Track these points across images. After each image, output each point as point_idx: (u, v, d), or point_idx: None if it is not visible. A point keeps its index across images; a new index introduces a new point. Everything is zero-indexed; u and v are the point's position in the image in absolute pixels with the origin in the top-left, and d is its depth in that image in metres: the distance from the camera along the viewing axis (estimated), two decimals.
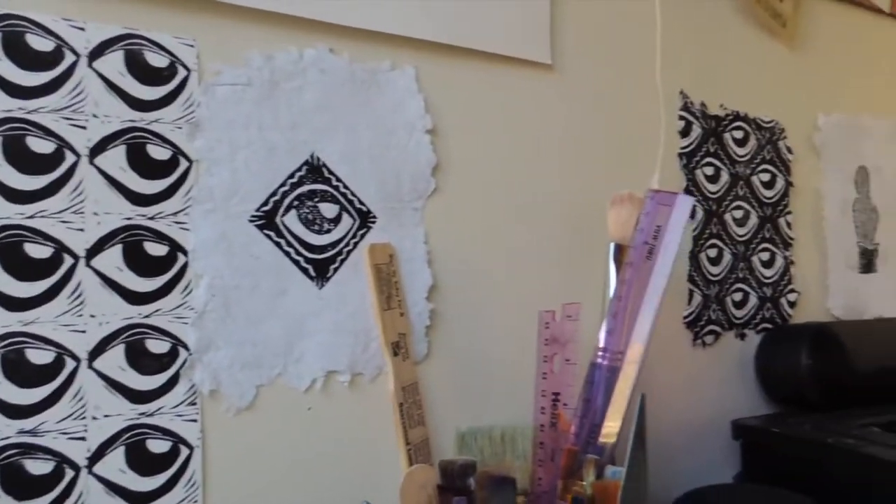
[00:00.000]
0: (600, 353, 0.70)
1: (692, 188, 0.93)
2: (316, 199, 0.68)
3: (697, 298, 0.93)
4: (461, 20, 0.76)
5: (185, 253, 0.61)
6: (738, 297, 0.97)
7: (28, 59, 0.56)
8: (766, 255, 1.00)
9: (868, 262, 1.11)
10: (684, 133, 0.93)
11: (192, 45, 0.62)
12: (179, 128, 0.61)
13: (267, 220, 0.65)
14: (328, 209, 0.68)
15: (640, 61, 0.89)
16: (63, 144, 0.57)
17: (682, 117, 0.93)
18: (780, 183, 1.02)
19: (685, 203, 0.70)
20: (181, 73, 0.62)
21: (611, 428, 0.68)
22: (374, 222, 0.71)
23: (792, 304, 1.02)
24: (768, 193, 1.00)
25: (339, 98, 0.69)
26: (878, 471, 0.69)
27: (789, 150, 1.03)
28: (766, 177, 1.00)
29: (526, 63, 0.81)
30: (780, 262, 1.01)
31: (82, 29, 0.58)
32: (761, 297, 0.99)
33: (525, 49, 0.81)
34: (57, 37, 0.57)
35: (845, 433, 0.77)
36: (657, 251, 0.70)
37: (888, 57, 1.17)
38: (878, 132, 1.14)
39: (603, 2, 0.88)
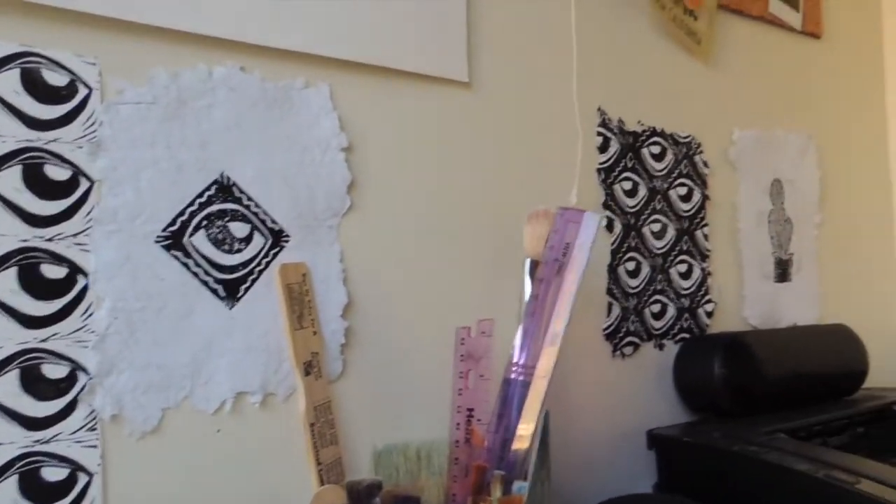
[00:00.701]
0: (514, 369, 0.71)
1: (611, 202, 0.95)
2: (226, 219, 0.67)
3: (616, 311, 0.95)
4: (376, 38, 0.77)
5: (85, 275, 0.60)
6: (656, 308, 0.99)
7: None
8: (683, 267, 1.02)
9: (783, 271, 1.16)
10: (602, 149, 0.95)
11: (93, 64, 0.61)
12: (80, 147, 0.60)
13: (174, 241, 0.64)
14: (239, 228, 0.68)
15: (558, 78, 0.91)
16: None
17: (600, 133, 0.95)
18: (696, 196, 1.05)
19: (592, 220, 0.71)
20: (82, 91, 0.61)
21: (521, 443, 0.69)
22: (287, 241, 0.71)
23: (709, 315, 1.05)
24: (685, 207, 1.03)
25: (250, 116, 0.69)
26: (777, 476, 0.71)
27: (705, 165, 1.06)
28: (683, 190, 1.03)
29: (443, 81, 0.82)
30: (697, 273, 1.04)
31: None
32: (679, 307, 1.01)
33: (442, 67, 0.82)
34: None
35: (751, 440, 0.79)
36: (566, 267, 0.71)
37: (799, 73, 1.22)
38: (790, 146, 1.19)
39: (520, 20, 0.89)
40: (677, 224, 1.02)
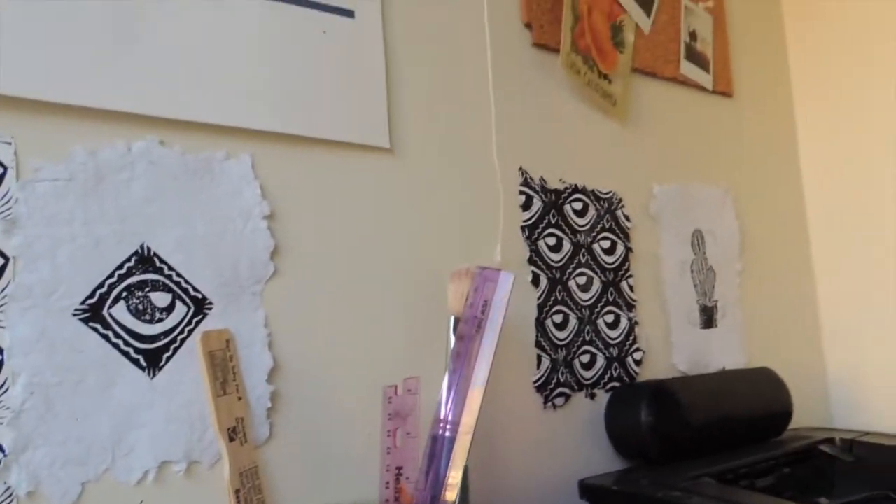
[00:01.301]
0: (440, 425, 0.73)
1: (536, 258, 0.99)
2: (147, 289, 0.68)
3: (546, 363, 0.97)
4: (297, 108, 0.80)
5: (0, 351, 0.60)
6: (585, 358, 1.02)
7: None
8: (610, 318, 1.06)
9: (708, 317, 1.20)
10: (525, 207, 0.99)
11: (9, 143, 0.63)
12: None
13: (92, 313, 0.65)
14: (160, 298, 0.69)
15: (478, 141, 0.95)
16: None
17: (522, 192, 0.99)
18: (620, 249, 1.09)
19: (507, 278, 0.74)
20: None
21: (448, 498, 0.70)
22: (210, 308, 0.72)
23: (638, 363, 1.08)
24: (609, 259, 1.07)
25: (170, 188, 0.71)
26: None
27: (627, 218, 1.11)
28: (606, 244, 1.07)
29: (365, 147, 0.85)
30: (624, 323, 1.07)
31: None
32: (608, 357, 1.04)
33: (363, 134, 0.85)
34: None
35: (676, 486, 0.81)
36: (485, 324, 0.74)
37: (713, 130, 1.29)
38: (708, 199, 1.24)
39: (439, 85, 0.93)
40: (602, 276, 1.06)
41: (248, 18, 0.77)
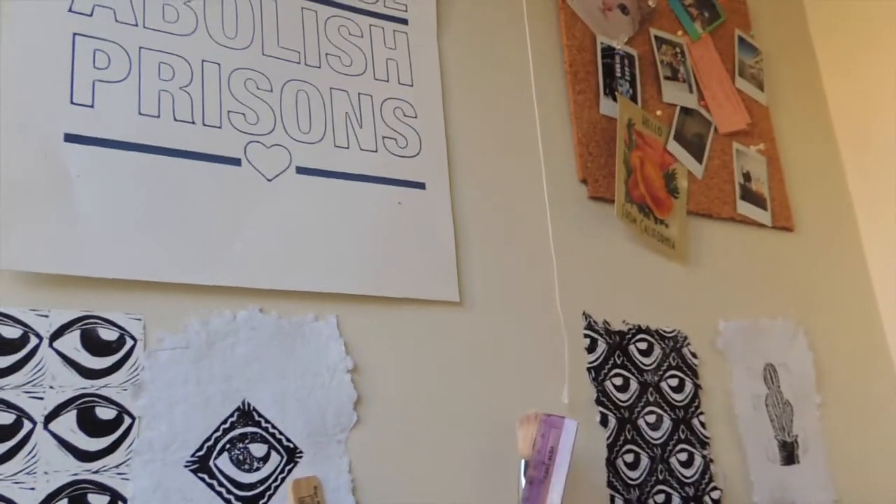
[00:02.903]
0: None
1: (603, 398, 1.03)
2: (246, 441, 0.77)
3: (619, 503, 0.99)
4: (376, 272, 0.91)
5: (124, 501, 0.70)
6: (660, 498, 1.03)
7: None
8: (684, 456, 1.07)
9: (789, 453, 1.19)
10: (591, 349, 1.05)
11: (139, 319, 0.75)
12: (125, 389, 0.72)
13: (200, 465, 0.74)
14: (258, 449, 0.78)
15: (542, 291, 1.03)
16: (21, 414, 0.67)
17: (587, 335, 1.05)
18: (688, 386, 1.12)
19: (572, 426, 0.80)
20: (129, 343, 0.74)
21: None
22: (301, 457, 0.80)
23: (716, 502, 1.08)
24: (678, 397, 1.10)
25: (268, 350, 0.81)
26: None
27: (694, 355, 1.14)
28: (674, 381, 1.11)
29: (437, 302, 0.94)
30: (698, 461, 1.08)
31: (46, 316, 0.71)
32: (684, 496, 1.05)
33: (435, 291, 0.94)
34: (24, 325, 0.70)
35: None
36: (552, 470, 0.79)
37: (776, 264, 1.32)
38: (776, 332, 1.26)
39: (504, 243, 1.03)
40: (672, 414, 1.09)
41: (333, 198, 0.90)
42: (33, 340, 0.70)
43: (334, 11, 0.99)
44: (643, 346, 1.10)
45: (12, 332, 0.69)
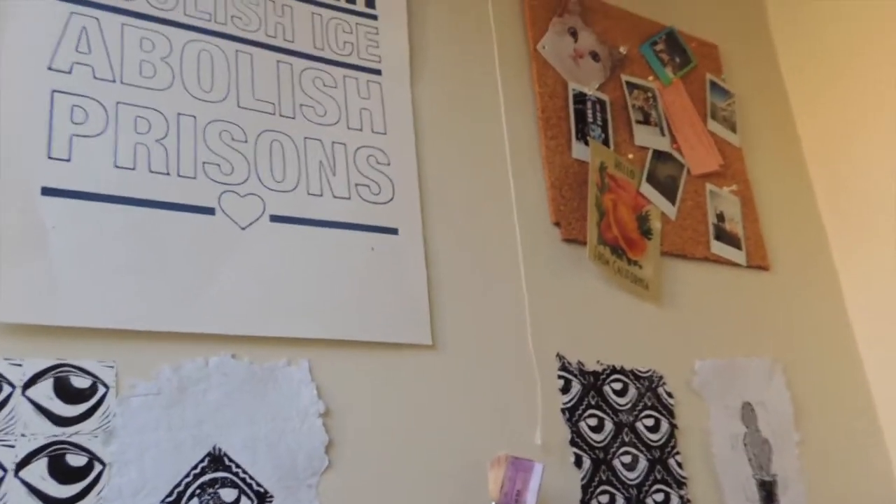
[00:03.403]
0: None
1: (577, 439, 1.04)
2: (217, 486, 0.78)
3: None
4: (348, 316, 0.92)
5: None
6: None
7: None
8: (660, 496, 1.08)
9: (768, 493, 1.19)
10: (565, 390, 1.06)
11: (111, 366, 0.77)
12: (96, 436, 0.74)
13: None
14: (228, 494, 0.79)
15: (514, 333, 1.05)
16: None
17: (561, 376, 1.07)
18: (664, 426, 1.13)
19: (538, 469, 0.81)
20: (101, 390, 0.76)
21: None
22: (271, 501, 0.81)
23: None
24: (654, 437, 1.11)
25: (240, 395, 0.83)
26: None
27: (670, 395, 1.15)
28: (650, 421, 1.12)
29: (409, 345, 0.96)
30: (675, 501, 1.09)
31: (20, 365, 0.73)
32: None
33: (407, 334, 0.96)
34: None
35: None
36: None
37: (752, 304, 1.34)
38: (753, 371, 1.28)
39: (477, 286, 1.05)
40: (648, 454, 1.09)
41: (306, 245, 0.93)
42: (6, 389, 0.71)
43: (309, 64, 1.03)
44: (618, 386, 1.11)
45: None
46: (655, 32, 1.44)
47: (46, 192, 0.79)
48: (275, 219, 0.92)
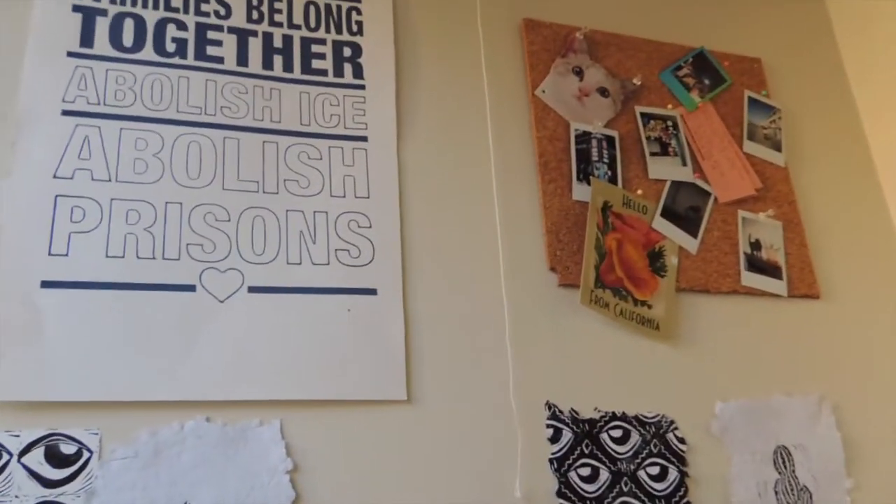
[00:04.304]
0: None
1: (565, 490, 1.03)
2: None
3: None
4: (321, 377, 0.99)
5: None
6: None
7: None
8: None
9: None
10: (554, 440, 1.06)
11: (96, 434, 0.89)
12: (79, 497, 0.86)
13: None
14: None
15: (496, 384, 1.06)
16: None
17: (550, 425, 1.06)
18: (672, 474, 1.08)
19: None
20: (85, 455, 0.88)
21: None
22: None
23: None
24: (659, 486, 1.07)
25: (212, 455, 0.92)
26: None
27: (681, 441, 1.10)
28: (654, 470, 1.08)
29: (383, 401, 1.01)
30: None
31: (17, 436, 0.86)
32: None
33: (381, 391, 1.01)
34: None
35: None
36: None
37: (795, 336, 1.24)
38: (793, 411, 1.18)
39: (459, 338, 1.07)
40: None
41: (282, 312, 1.00)
42: (5, 457, 0.85)
43: (295, 140, 1.11)
44: (617, 433, 1.09)
45: None
46: (679, 57, 1.38)
47: (45, 284, 0.93)
48: (253, 290, 1.01)
